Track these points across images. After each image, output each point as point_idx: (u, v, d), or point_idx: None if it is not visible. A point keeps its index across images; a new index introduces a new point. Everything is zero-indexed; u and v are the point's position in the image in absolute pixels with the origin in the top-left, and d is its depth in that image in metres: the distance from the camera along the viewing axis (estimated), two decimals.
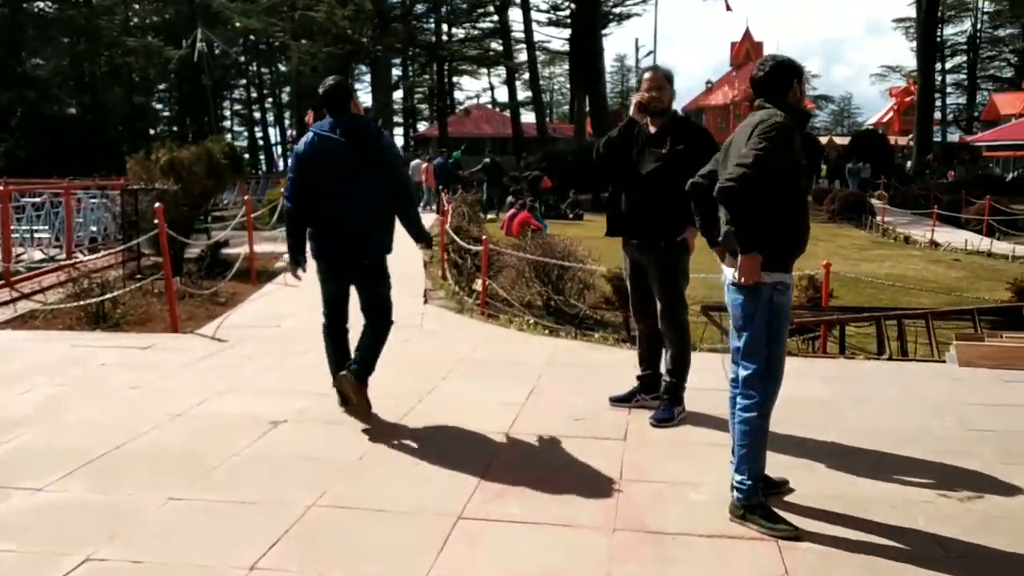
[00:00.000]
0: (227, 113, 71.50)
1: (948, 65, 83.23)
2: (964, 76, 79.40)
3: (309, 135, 5.09)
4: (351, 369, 5.08)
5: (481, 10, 56.84)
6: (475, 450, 4.62)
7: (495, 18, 58.78)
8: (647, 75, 5.08)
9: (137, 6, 54.02)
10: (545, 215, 23.75)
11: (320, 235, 5.11)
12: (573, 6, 65.55)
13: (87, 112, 46.79)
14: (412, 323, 8.12)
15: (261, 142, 71.82)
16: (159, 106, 67.43)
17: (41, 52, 44.14)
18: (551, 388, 5.89)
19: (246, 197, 25.49)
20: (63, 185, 14.88)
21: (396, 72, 55.10)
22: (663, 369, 5.18)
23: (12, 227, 13.83)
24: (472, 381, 6.12)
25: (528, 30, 55.43)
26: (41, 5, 44.06)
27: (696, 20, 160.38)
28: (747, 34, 68.95)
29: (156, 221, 7.86)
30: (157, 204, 7.97)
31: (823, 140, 52.26)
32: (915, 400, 5.61)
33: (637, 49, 67.29)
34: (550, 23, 67.26)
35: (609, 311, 9.48)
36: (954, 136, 74.71)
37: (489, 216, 22.61)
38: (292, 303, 9.49)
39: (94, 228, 15.01)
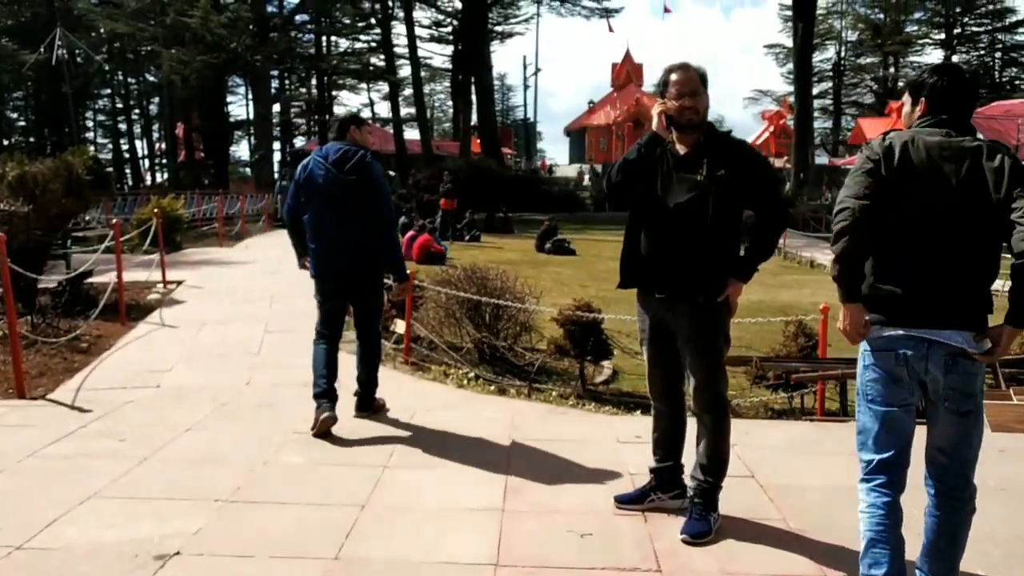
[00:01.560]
0: (90, 124, 66.96)
1: (815, 91, 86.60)
2: (830, 101, 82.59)
3: (308, 158, 5.41)
4: (358, 401, 5.66)
5: (363, 23, 55.18)
6: None
7: (378, 31, 57.32)
8: (675, 76, 3.77)
9: None
10: (442, 237, 22.52)
11: (324, 255, 5.31)
12: (456, 23, 65.28)
13: None
14: None
15: (127, 155, 67.61)
16: (14, 115, 62.62)
17: None
18: (529, 481, 4.51)
19: (113, 218, 23.37)
20: None
21: (274, 84, 52.47)
22: (693, 463, 3.93)
23: None
24: (422, 473, 4.66)
25: (412, 45, 53.99)
26: None
27: (577, 41, 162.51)
28: (627, 56, 69.79)
29: None
30: None
31: None
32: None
33: (525, 67, 66.53)
34: (432, 39, 66.37)
35: (556, 361, 8.16)
36: (822, 159, 77.34)
37: None
38: (171, 350, 7.85)
39: None
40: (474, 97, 51.12)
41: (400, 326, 8.08)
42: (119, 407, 5.95)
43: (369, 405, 5.65)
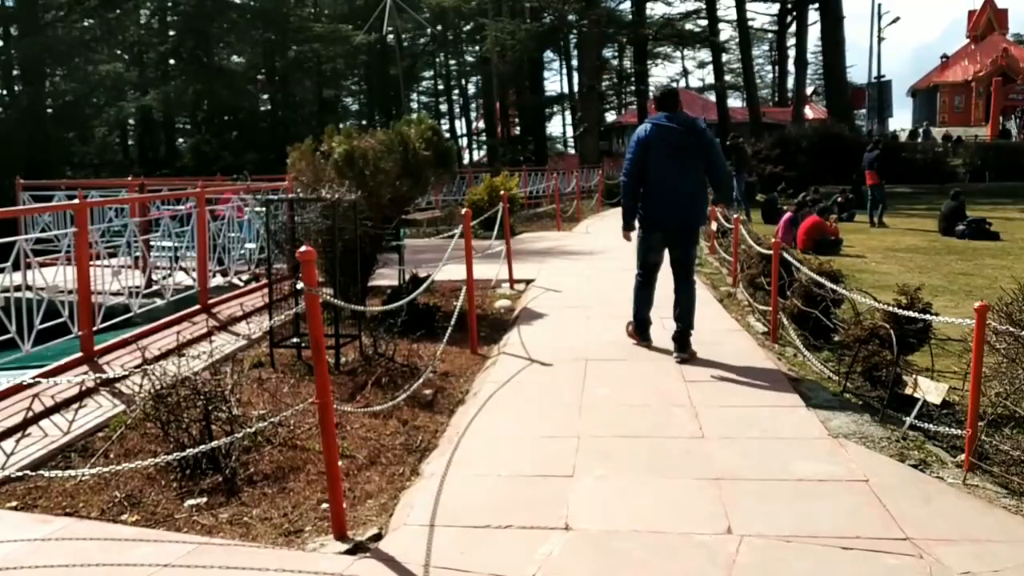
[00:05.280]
0: (414, 105, 69.09)
1: None
2: None
3: (648, 124, 6.43)
4: (678, 334, 6.39)
5: None
6: None
7: None
8: None
9: None
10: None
11: (655, 204, 6.33)
12: None
13: (276, 106, 44.88)
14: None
15: (448, 135, 69.14)
16: (348, 99, 65.96)
17: (230, 43, 42.37)
18: None
19: (441, 198, 21.87)
20: (211, 189, 11.13)
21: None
22: None
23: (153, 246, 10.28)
24: None
25: (741, 3, 49.50)
26: None
27: None
28: (988, 1, 59.88)
29: (301, 281, 3.46)
30: (302, 251, 3.49)
31: None
32: None
33: (879, 16, 58.07)
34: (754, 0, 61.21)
35: None
36: None
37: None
38: (556, 417, 4.99)
39: (251, 246, 11.18)
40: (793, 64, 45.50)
41: (930, 390, 4.70)
42: None
43: (689, 335, 6.40)
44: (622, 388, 5.54)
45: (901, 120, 71.14)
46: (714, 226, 13.41)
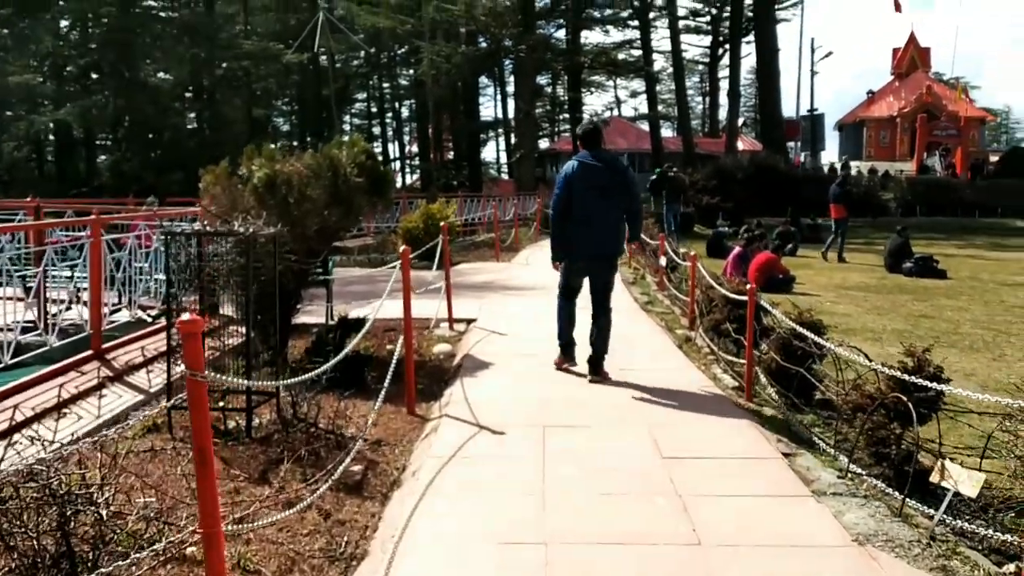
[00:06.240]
0: (347, 127, 67.64)
1: None
2: None
3: (575, 162, 6.84)
4: (592, 359, 6.76)
5: (623, 13, 51.46)
6: None
7: (635, 23, 53.44)
8: None
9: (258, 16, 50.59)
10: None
11: (580, 237, 6.74)
12: (714, 11, 60.10)
13: (204, 125, 43.09)
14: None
15: (380, 158, 67.91)
16: (279, 119, 64.32)
17: (156, 58, 40.56)
18: None
19: (373, 225, 20.78)
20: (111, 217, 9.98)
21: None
22: None
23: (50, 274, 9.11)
24: None
25: (675, 35, 49.79)
26: (153, 3, 40.49)
27: (849, 27, 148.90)
28: (912, 39, 61.60)
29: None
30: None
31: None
32: None
33: (813, 50, 58.92)
34: (687, 30, 61.66)
35: None
36: None
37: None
38: (524, 519, 4.06)
39: (162, 277, 10.00)
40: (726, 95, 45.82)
41: (962, 479, 3.93)
42: None
43: (602, 363, 6.79)
44: (590, 466, 4.64)
45: (831, 153, 72.54)
46: (663, 261, 12.72)
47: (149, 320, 9.21)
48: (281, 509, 3.98)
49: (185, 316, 2.56)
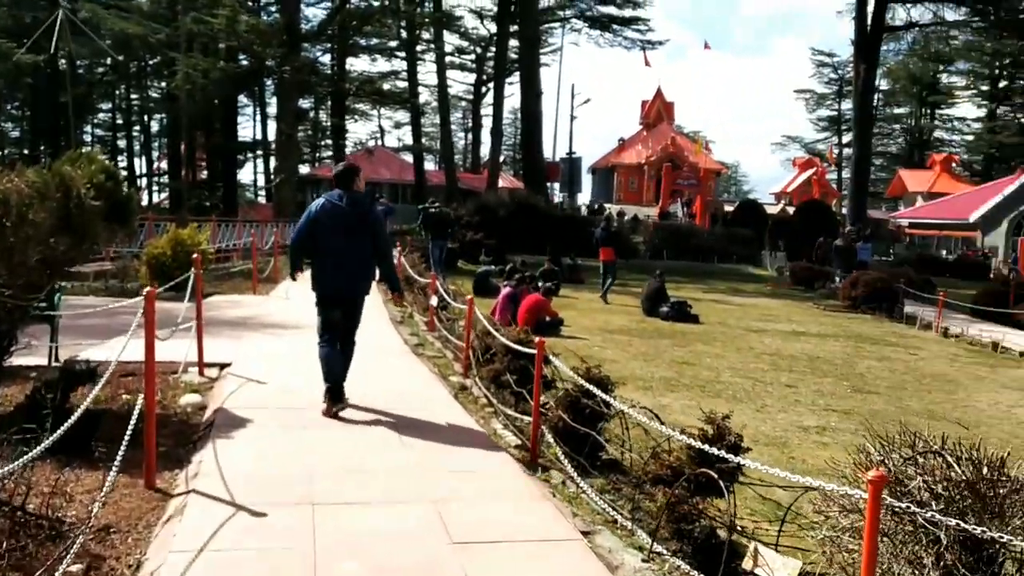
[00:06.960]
0: (87, 138, 62.19)
1: (845, 139, 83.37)
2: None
3: (323, 200, 6.95)
4: (334, 388, 6.81)
5: (391, 44, 51.34)
6: None
7: (402, 54, 53.50)
8: None
9: None
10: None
11: (328, 277, 6.84)
12: (479, 50, 61.59)
13: None
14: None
15: (125, 173, 63.04)
16: (8, 125, 58.13)
17: None
18: None
19: (113, 250, 18.75)
20: None
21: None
22: None
23: None
24: None
25: (441, 69, 50.32)
26: None
27: (604, 76, 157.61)
28: (659, 93, 66.19)
29: None
30: None
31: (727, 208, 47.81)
32: None
33: (573, 96, 61.65)
34: (453, 67, 62.75)
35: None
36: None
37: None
38: None
39: None
40: (489, 133, 46.88)
41: (777, 567, 3.68)
42: None
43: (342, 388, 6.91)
44: (373, 560, 3.98)
45: (585, 195, 76.34)
46: (434, 301, 12.27)
47: None
48: None
49: None
